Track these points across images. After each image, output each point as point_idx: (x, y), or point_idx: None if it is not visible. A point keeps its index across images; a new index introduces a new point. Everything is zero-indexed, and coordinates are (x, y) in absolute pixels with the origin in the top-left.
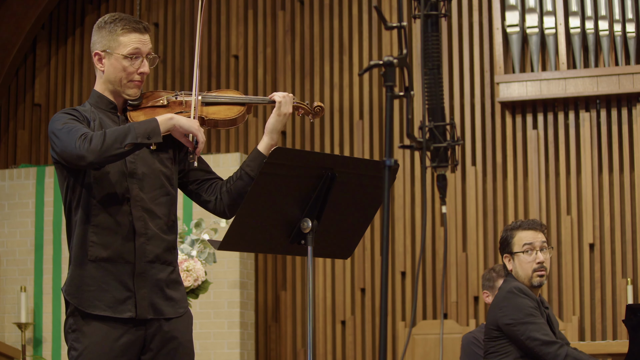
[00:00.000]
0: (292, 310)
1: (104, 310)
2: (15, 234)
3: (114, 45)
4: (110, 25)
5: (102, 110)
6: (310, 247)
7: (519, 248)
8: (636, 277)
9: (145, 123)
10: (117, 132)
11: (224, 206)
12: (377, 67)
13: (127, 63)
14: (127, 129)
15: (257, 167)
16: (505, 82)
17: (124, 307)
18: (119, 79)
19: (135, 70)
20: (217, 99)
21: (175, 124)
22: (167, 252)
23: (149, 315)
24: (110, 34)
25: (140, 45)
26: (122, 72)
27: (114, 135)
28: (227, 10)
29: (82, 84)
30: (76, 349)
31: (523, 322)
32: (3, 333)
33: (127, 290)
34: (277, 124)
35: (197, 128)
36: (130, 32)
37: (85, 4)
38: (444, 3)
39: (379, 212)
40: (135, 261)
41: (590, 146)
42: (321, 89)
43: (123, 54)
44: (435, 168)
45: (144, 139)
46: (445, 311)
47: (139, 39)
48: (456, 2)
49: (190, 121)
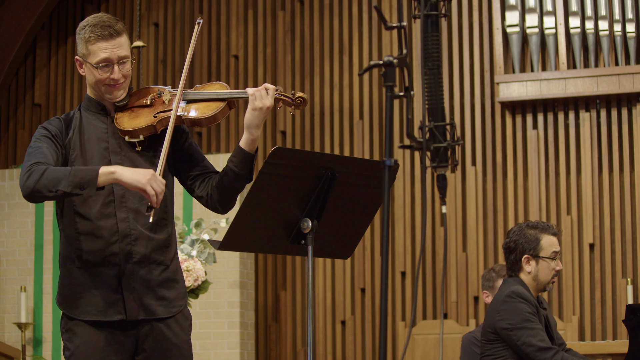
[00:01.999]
0: (292, 310)
1: (94, 316)
2: (15, 234)
3: (86, 54)
4: (82, 32)
5: (92, 113)
6: (310, 247)
7: (547, 254)
8: (636, 277)
9: (84, 171)
10: (55, 174)
11: (215, 202)
12: (377, 67)
13: (97, 72)
14: (65, 174)
15: (240, 163)
16: (505, 82)
17: (114, 309)
18: (95, 84)
19: (107, 77)
20: (198, 95)
21: (117, 178)
22: (157, 252)
23: (140, 316)
24: (82, 42)
25: (108, 54)
26: (94, 79)
27: (50, 176)
28: (227, 10)
29: (82, 84)
30: (69, 349)
31: (520, 328)
32: (3, 333)
33: (115, 292)
34: (253, 119)
35: (144, 182)
36: (98, 41)
37: (85, 4)
38: (444, 3)
39: (379, 212)
40: (121, 263)
41: (590, 146)
42: (321, 89)
43: (92, 63)
44: (435, 168)
45: (76, 188)
46: (445, 311)
47: (106, 47)
48: (456, 2)
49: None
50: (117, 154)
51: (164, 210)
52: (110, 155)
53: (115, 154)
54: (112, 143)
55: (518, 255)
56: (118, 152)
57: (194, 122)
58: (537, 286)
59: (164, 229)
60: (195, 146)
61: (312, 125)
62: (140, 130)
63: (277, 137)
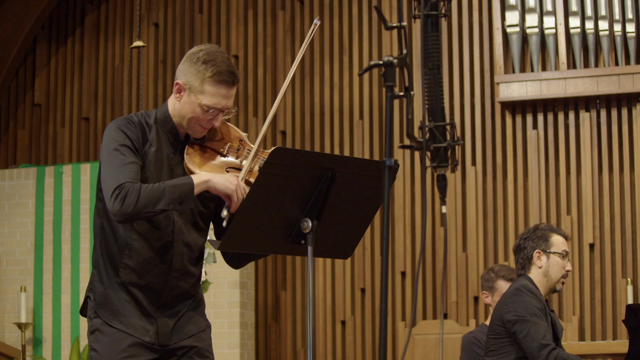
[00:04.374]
0: (292, 310)
1: (125, 327)
2: (15, 234)
3: (197, 88)
4: (203, 65)
5: (164, 131)
6: (310, 247)
7: (558, 249)
8: (636, 277)
9: (180, 186)
10: (152, 193)
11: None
12: (377, 67)
13: (201, 112)
14: (161, 192)
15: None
16: (505, 82)
17: (144, 331)
18: (188, 118)
19: (207, 120)
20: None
21: (211, 186)
22: (194, 287)
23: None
24: (198, 74)
25: (223, 101)
26: (193, 115)
27: (147, 196)
28: (227, 10)
29: (82, 84)
30: (95, 349)
31: (525, 320)
32: (3, 333)
33: (149, 317)
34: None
35: (233, 189)
36: (219, 84)
37: (85, 4)
38: (444, 3)
39: (379, 212)
40: (163, 293)
41: (590, 146)
42: (321, 89)
43: (202, 102)
44: (435, 168)
45: (176, 204)
46: (445, 311)
47: (224, 94)
48: (456, 2)
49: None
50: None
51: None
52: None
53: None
54: (176, 172)
55: (529, 251)
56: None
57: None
58: (548, 283)
59: (199, 263)
60: None
61: (312, 125)
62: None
63: (277, 137)
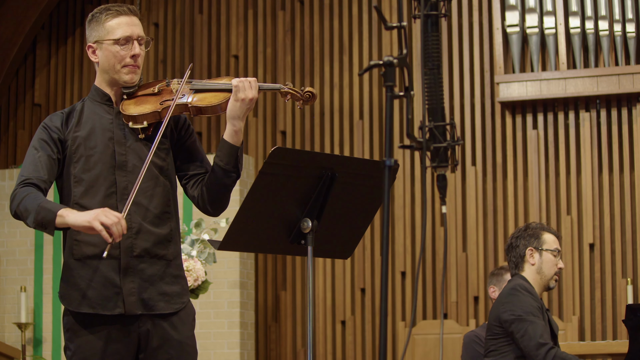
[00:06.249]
0: (292, 310)
1: (92, 308)
2: (15, 234)
3: (103, 34)
4: (97, 16)
5: (98, 104)
6: (310, 247)
7: (550, 247)
8: (636, 277)
9: (46, 211)
10: (28, 205)
11: (205, 202)
12: (377, 67)
13: (117, 48)
14: (34, 209)
15: (225, 156)
16: (505, 82)
17: (112, 303)
18: (112, 65)
19: (127, 53)
20: (205, 85)
21: (66, 222)
22: (159, 246)
23: (138, 311)
24: (98, 24)
25: (129, 29)
26: (114, 58)
27: (25, 206)
28: (227, 10)
29: (82, 84)
30: (70, 349)
31: (522, 319)
32: (3, 333)
33: (114, 286)
34: (236, 110)
35: (91, 219)
36: (116, 16)
37: (85, 4)
38: (444, 3)
39: (379, 212)
40: (121, 256)
41: (590, 146)
42: (321, 89)
43: (112, 39)
44: (435, 168)
45: (40, 227)
46: (445, 311)
47: (127, 22)
48: (456, 2)
49: (81, 216)
50: (121, 145)
51: (166, 204)
52: (114, 145)
53: (120, 145)
54: (117, 134)
55: (522, 249)
56: (122, 142)
57: (199, 110)
58: (542, 281)
59: (166, 223)
60: (197, 145)
61: (312, 125)
62: (145, 116)
63: (277, 137)
